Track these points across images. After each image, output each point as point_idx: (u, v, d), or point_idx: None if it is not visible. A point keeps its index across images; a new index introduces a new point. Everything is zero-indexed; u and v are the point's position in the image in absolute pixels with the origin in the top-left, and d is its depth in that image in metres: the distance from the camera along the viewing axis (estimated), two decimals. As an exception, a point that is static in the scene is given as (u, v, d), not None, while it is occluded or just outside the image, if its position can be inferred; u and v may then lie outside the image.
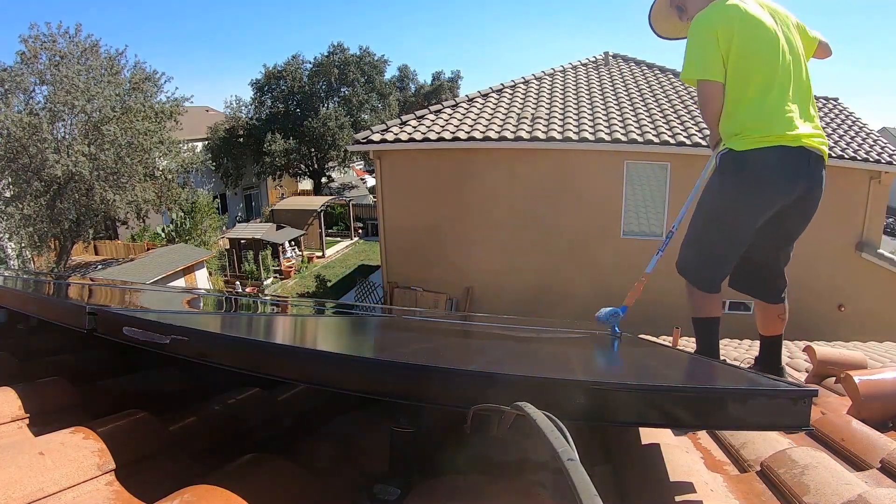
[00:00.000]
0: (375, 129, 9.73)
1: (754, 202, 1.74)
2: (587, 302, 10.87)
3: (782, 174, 1.70)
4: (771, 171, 1.69)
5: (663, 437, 1.18)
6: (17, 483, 0.67)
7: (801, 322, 9.06)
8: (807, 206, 1.80)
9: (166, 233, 17.35)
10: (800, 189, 1.74)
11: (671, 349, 2.19)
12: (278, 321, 1.73)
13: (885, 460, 1.10)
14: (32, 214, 10.84)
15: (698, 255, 1.88)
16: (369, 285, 13.66)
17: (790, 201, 1.75)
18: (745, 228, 1.79)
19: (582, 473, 0.43)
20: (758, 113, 1.71)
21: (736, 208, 1.77)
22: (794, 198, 1.75)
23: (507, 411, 0.57)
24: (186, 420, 1.05)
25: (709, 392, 0.73)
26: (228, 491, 0.66)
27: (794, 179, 1.71)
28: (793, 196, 1.74)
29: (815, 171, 1.75)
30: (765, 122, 1.69)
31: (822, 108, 11.05)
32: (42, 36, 10.96)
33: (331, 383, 0.69)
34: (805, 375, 2.58)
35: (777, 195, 1.73)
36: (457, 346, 1.44)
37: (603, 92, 10.96)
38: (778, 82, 1.71)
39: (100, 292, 1.97)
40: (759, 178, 1.71)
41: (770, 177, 1.70)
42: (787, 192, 1.73)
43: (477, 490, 0.77)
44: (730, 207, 1.78)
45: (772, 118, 1.69)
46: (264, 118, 25.08)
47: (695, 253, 1.89)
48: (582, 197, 9.10)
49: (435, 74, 30.86)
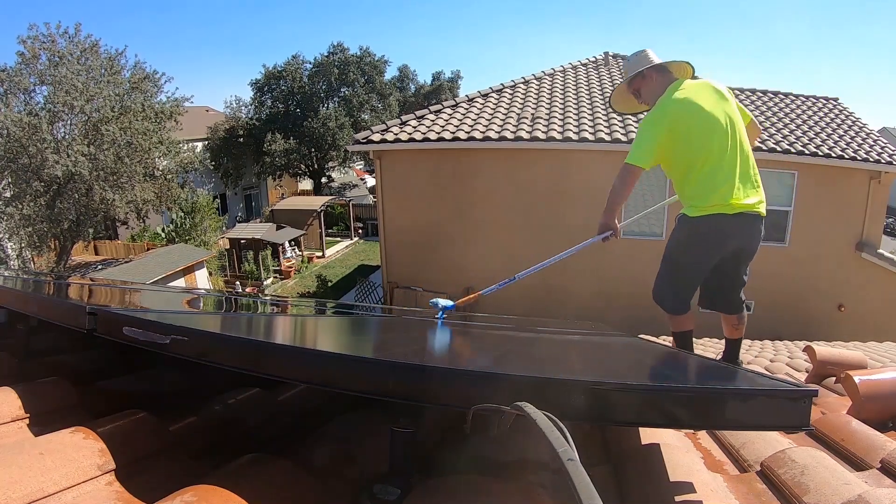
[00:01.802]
0: (375, 129, 9.73)
1: (703, 253, 2.27)
2: (587, 302, 10.87)
3: (721, 235, 2.21)
4: (712, 233, 2.21)
5: (663, 437, 1.18)
6: (17, 483, 0.67)
7: (801, 322, 9.07)
8: (745, 253, 2.30)
9: (166, 233, 17.35)
10: (734, 244, 2.24)
11: (671, 349, 2.19)
12: (278, 321, 1.73)
13: (885, 460, 1.10)
14: (32, 214, 10.84)
15: (668, 288, 2.40)
16: (369, 285, 13.66)
17: (730, 251, 2.26)
18: (699, 269, 2.33)
19: (582, 473, 0.43)
20: (703, 188, 2.18)
21: (690, 256, 2.31)
22: (732, 249, 2.26)
23: (507, 411, 0.57)
24: (186, 420, 1.05)
25: (709, 392, 0.73)
26: (228, 491, 0.66)
27: (729, 238, 2.22)
28: (730, 248, 2.25)
29: (751, 229, 2.22)
30: (708, 195, 2.16)
31: (822, 108, 11.05)
32: (41, 36, 10.94)
33: (331, 383, 0.69)
34: (805, 375, 2.58)
35: (718, 249, 2.25)
36: (457, 346, 1.44)
37: (603, 92, 10.95)
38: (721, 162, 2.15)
39: (100, 292, 1.97)
40: (704, 237, 2.23)
41: (712, 237, 2.22)
42: (725, 246, 2.24)
43: (477, 490, 0.77)
44: (686, 255, 2.32)
45: (714, 193, 2.15)
46: (264, 118, 25.07)
47: (665, 286, 2.40)
48: (582, 197, 9.10)
49: (435, 74, 30.84)
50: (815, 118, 10.41)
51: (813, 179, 8.97)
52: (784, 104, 10.97)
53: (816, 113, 10.71)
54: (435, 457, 0.98)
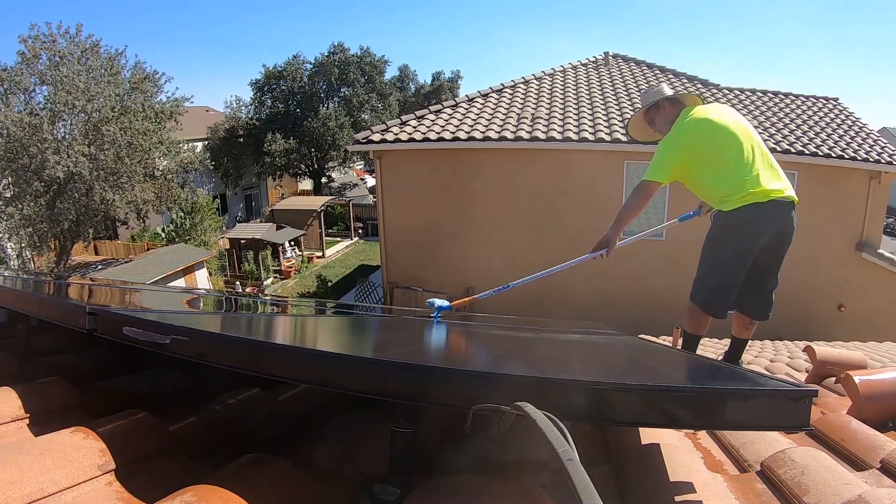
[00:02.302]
0: (375, 129, 9.72)
1: (739, 242, 2.31)
2: (587, 302, 10.86)
3: (758, 223, 2.28)
4: (749, 223, 2.27)
5: (663, 437, 1.18)
6: (17, 483, 0.67)
7: (801, 322, 9.05)
8: (782, 240, 2.35)
9: (166, 233, 17.34)
10: (772, 230, 2.29)
11: (671, 349, 2.19)
12: (278, 321, 1.73)
13: (885, 460, 1.10)
14: (32, 215, 10.83)
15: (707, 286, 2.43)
16: (369, 285, 13.66)
17: (767, 240, 2.30)
18: (737, 262, 2.34)
19: (582, 473, 0.43)
20: (734, 183, 2.28)
21: (727, 248, 2.35)
22: (770, 237, 2.30)
23: (507, 411, 0.57)
24: (186, 420, 1.05)
25: (709, 392, 0.73)
26: (228, 491, 0.66)
27: (766, 226, 2.28)
28: (768, 236, 2.30)
29: (784, 215, 2.30)
30: (739, 188, 2.26)
31: (821, 108, 11.05)
32: (42, 36, 10.94)
33: (331, 383, 0.69)
34: (805, 375, 2.58)
35: (757, 238, 2.29)
36: (457, 346, 1.44)
37: (603, 92, 10.95)
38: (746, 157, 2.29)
39: (100, 292, 1.97)
40: (739, 227, 2.29)
41: (746, 226, 2.28)
42: (764, 235, 2.29)
43: (477, 490, 0.77)
44: (723, 248, 2.37)
45: (744, 185, 2.25)
46: (264, 118, 25.07)
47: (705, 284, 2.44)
48: (582, 197, 9.10)
49: (435, 74, 30.87)
50: (815, 118, 10.41)
51: (813, 179, 8.97)
52: (784, 104, 10.97)
53: (816, 113, 10.71)
54: (435, 457, 0.98)
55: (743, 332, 2.63)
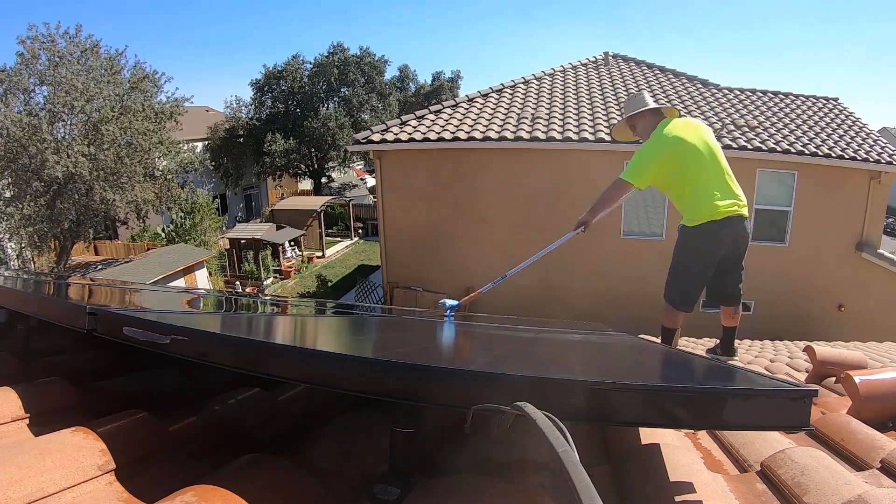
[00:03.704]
0: (375, 129, 9.72)
1: (701, 254, 2.78)
2: (587, 302, 10.87)
3: (715, 237, 2.72)
4: (707, 238, 2.72)
5: (663, 437, 1.18)
6: (17, 483, 0.67)
7: (801, 322, 9.07)
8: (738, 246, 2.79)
9: (166, 233, 17.34)
10: (727, 243, 2.74)
11: (671, 349, 2.19)
12: (278, 321, 1.73)
13: (885, 460, 1.10)
14: (32, 215, 10.82)
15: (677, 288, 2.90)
16: (369, 285, 13.66)
17: (725, 250, 2.76)
18: (701, 268, 2.81)
19: (582, 473, 0.43)
20: (694, 204, 2.73)
21: (692, 258, 2.83)
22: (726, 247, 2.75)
23: (507, 411, 0.57)
24: (186, 420, 1.05)
25: (709, 392, 0.73)
26: (228, 491, 0.66)
27: (723, 239, 2.73)
28: (725, 247, 2.75)
29: (738, 227, 2.73)
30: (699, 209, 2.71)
31: (821, 108, 11.05)
32: (41, 36, 10.93)
33: (331, 383, 0.69)
34: (805, 375, 2.58)
35: (716, 250, 2.75)
36: (457, 346, 1.44)
37: (603, 92, 10.96)
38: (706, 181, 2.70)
39: (100, 292, 1.97)
40: (702, 242, 2.75)
41: (708, 240, 2.73)
42: (721, 247, 2.75)
43: (477, 490, 0.77)
44: (688, 258, 2.84)
45: (703, 207, 2.69)
46: (264, 118, 25.06)
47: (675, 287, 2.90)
48: (582, 197, 9.09)
49: (435, 74, 30.86)
50: (815, 118, 10.41)
51: (813, 179, 8.97)
52: (784, 104, 10.97)
53: (816, 113, 10.71)
54: (435, 457, 0.98)
55: (729, 320, 3.02)
